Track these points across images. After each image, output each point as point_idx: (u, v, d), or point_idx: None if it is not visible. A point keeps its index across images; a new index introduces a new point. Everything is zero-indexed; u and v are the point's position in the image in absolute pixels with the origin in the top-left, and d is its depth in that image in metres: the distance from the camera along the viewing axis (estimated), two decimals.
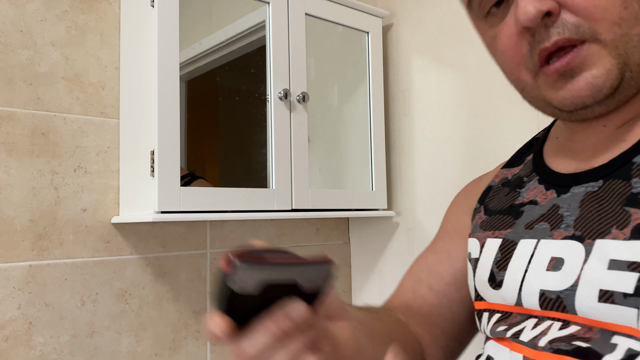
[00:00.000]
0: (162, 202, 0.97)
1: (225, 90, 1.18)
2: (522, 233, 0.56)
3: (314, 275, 0.40)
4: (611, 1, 0.46)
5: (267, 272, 0.37)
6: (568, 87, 0.50)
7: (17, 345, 0.98)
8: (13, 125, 1.00)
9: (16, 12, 1.02)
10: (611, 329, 0.46)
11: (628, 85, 0.49)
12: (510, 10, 0.51)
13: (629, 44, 0.48)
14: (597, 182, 0.51)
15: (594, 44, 0.48)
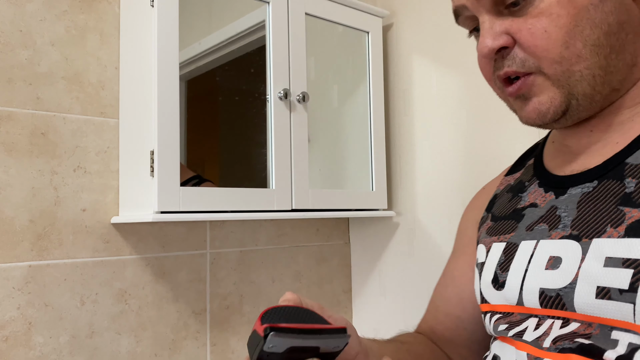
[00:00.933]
0: (162, 202, 0.97)
1: (225, 90, 1.17)
2: (524, 235, 0.58)
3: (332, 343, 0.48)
4: (553, 42, 0.51)
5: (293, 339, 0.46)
6: (523, 108, 0.56)
7: (17, 346, 0.98)
8: (13, 125, 1.00)
9: (16, 11, 1.02)
10: (609, 324, 0.47)
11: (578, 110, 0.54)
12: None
13: (571, 78, 0.52)
14: (592, 183, 0.53)
15: (539, 75, 0.53)
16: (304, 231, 1.41)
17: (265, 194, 1.11)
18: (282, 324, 0.48)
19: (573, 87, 0.52)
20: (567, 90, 0.53)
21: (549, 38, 0.51)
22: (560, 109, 0.54)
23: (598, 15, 0.50)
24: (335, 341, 0.48)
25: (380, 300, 1.44)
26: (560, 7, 0.51)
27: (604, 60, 0.51)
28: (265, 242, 1.33)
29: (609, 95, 0.53)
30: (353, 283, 1.50)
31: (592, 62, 0.51)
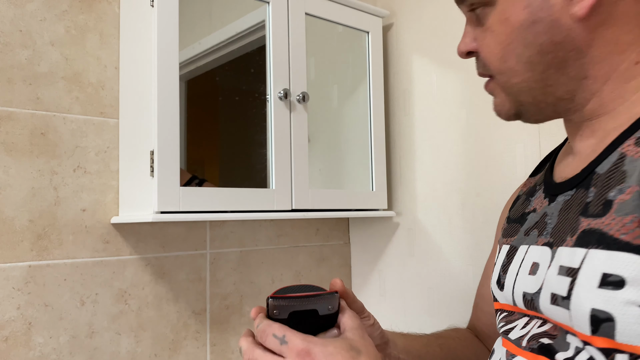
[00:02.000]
0: (162, 202, 0.97)
1: (225, 90, 1.17)
2: (522, 239, 0.61)
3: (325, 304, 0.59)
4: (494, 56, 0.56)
5: (291, 304, 0.57)
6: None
7: (17, 346, 0.98)
8: (12, 125, 1.00)
9: (16, 11, 1.02)
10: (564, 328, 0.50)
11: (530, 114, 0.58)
12: None
13: (513, 88, 0.56)
14: (571, 191, 0.55)
15: (494, 80, 0.59)
16: (304, 231, 1.41)
17: (265, 194, 1.11)
18: (280, 294, 0.57)
19: (517, 96, 0.57)
20: (514, 98, 0.57)
21: (491, 52, 0.56)
22: (511, 112, 0.58)
23: (530, 36, 0.52)
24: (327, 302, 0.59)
25: (380, 300, 1.44)
26: (499, 25, 0.55)
27: (539, 75, 0.54)
28: (265, 242, 1.33)
29: (557, 103, 0.55)
30: (353, 283, 1.50)
31: (527, 76, 0.54)
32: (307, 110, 1.20)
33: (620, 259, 0.45)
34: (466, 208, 1.25)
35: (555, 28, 0.51)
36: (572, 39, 0.51)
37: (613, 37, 0.51)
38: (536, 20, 0.52)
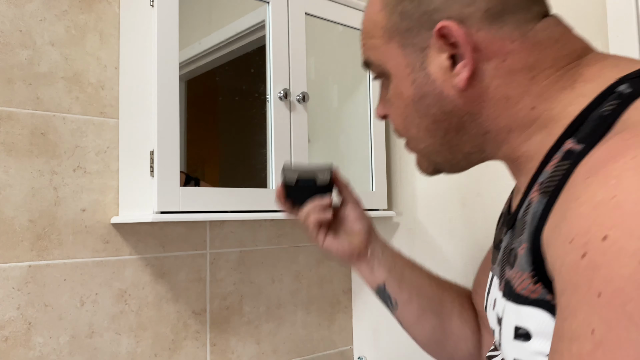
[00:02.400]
0: (162, 202, 0.97)
1: (225, 90, 1.17)
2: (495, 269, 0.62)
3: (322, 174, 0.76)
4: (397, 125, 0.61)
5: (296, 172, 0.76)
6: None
7: (17, 346, 0.98)
8: (12, 125, 1.00)
9: (15, 11, 1.02)
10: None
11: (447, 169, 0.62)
12: None
13: (422, 152, 0.61)
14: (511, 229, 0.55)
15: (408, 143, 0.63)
16: (304, 231, 1.41)
17: (265, 194, 1.11)
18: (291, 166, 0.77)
19: (429, 157, 0.61)
20: (427, 158, 0.62)
21: (395, 122, 0.61)
22: (429, 169, 0.63)
23: (422, 108, 0.56)
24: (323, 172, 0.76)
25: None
26: (396, 98, 0.59)
27: (441, 139, 0.57)
28: (265, 242, 1.33)
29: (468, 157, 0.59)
30: (353, 283, 1.50)
31: (430, 142, 0.58)
32: (307, 110, 1.20)
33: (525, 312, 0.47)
34: (466, 208, 1.25)
35: (442, 100, 0.55)
36: (460, 107, 0.54)
37: (501, 96, 0.53)
38: (423, 94, 0.55)
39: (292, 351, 1.36)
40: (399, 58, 0.56)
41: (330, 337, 1.44)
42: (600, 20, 1.03)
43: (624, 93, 0.46)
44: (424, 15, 0.53)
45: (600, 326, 0.34)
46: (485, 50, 0.52)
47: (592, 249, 0.36)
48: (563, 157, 0.47)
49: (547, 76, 0.52)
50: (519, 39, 0.52)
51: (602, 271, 0.35)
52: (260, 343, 1.30)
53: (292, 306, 1.37)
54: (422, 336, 0.79)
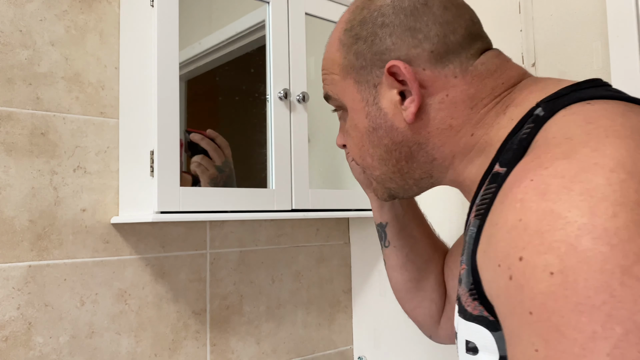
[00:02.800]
0: (162, 202, 0.97)
1: (225, 90, 1.17)
2: None
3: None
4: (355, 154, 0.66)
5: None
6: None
7: (17, 346, 0.98)
8: (12, 125, 1.00)
9: (16, 11, 1.02)
10: None
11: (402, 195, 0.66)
12: None
13: (377, 179, 0.65)
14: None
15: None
16: (304, 231, 1.41)
17: (265, 194, 1.11)
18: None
19: (384, 184, 0.66)
20: (382, 185, 0.66)
21: (352, 151, 0.66)
22: (385, 195, 0.67)
23: (374, 139, 0.61)
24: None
25: (380, 300, 1.44)
26: (352, 129, 0.64)
27: (393, 167, 0.62)
28: (265, 242, 1.33)
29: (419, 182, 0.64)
30: (353, 283, 1.50)
31: (384, 169, 0.63)
32: (307, 110, 1.20)
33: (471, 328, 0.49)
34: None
35: (393, 131, 0.60)
36: (409, 137, 0.60)
37: (445, 126, 0.58)
38: (376, 127, 0.61)
39: (292, 351, 1.36)
40: (354, 93, 0.62)
41: (330, 337, 1.44)
42: (600, 20, 1.03)
43: (539, 116, 0.49)
44: (375, 55, 0.59)
45: (539, 343, 0.36)
46: (431, 87, 0.58)
47: (514, 271, 0.39)
48: (490, 180, 0.50)
49: (485, 104, 0.57)
50: (461, 75, 0.58)
51: (526, 290, 0.38)
52: (260, 343, 1.30)
53: (292, 306, 1.37)
54: (399, 282, 0.84)
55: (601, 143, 0.40)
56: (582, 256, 0.35)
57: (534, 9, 1.15)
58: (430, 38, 0.58)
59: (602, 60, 1.03)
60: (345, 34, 0.62)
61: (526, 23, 1.16)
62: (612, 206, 0.36)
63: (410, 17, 0.58)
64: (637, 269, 0.34)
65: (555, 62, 1.11)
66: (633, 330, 0.33)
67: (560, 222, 0.37)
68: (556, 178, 0.39)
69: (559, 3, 1.11)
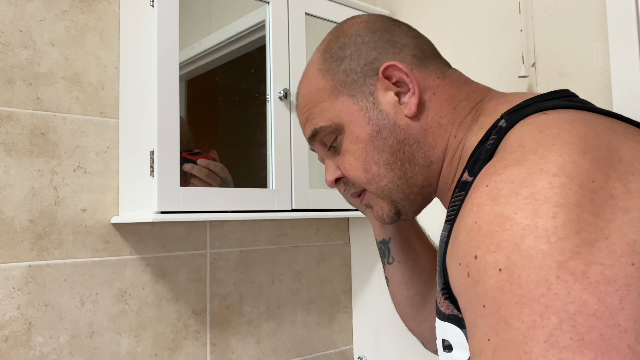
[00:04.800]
0: (162, 202, 0.97)
1: (225, 90, 1.17)
2: None
3: None
4: (357, 171, 0.65)
5: None
6: (371, 214, 0.72)
7: (17, 346, 0.98)
8: (12, 125, 1.00)
9: (16, 11, 1.02)
10: None
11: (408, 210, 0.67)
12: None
13: (384, 191, 0.65)
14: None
15: (368, 192, 0.68)
16: (304, 231, 1.41)
17: (265, 194, 1.11)
18: None
19: (390, 196, 0.66)
20: (389, 199, 0.66)
21: (353, 169, 0.66)
22: (391, 212, 0.67)
23: (379, 142, 0.63)
24: None
25: (380, 300, 1.44)
26: (352, 144, 0.65)
27: (399, 172, 0.64)
28: (265, 242, 1.33)
29: (422, 191, 0.65)
30: (353, 283, 1.50)
31: (391, 176, 0.64)
32: None
33: (445, 327, 0.53)
34: None
35: (396, 129, 0.63)
36: (410, 134, 0.62)
37: (436, 124, 0.62)
38: (380, 128, 0.63)
39: (292, 351, 1.36)
40: (351, 106, 0.64)
41: (330, 337, 1.44)
42: (600, 20, 1.03)
43: (502, 127, 0.53)
44: (365, 66, 0.64)
45: (491, 333, 0.40)
46: (421, 84, 0.63)
47: (471, 268, 0.43)
48: (460, 188, 0.54)
49: (463, 107, 0.62)
50: (442, 77, 0.64)
51: (480, 285, 0.41)
52: (260, 343, 1.30)
53: (292, 306, 1.37)
54: (405, 297, 0.84)
55: (547, 150, 0.44)
56: (525, 254, 0.39)
57: (534, 9, 1.15)
58: (408, 46, 0.64)
59: (602, 60, 1.03)
60: (325, 62, 0.66)
61: (526, 23, 1.15)
62: (552, 207, 0.40)
63: (385, 33, 0.65)
64: (572, 264, 0.38)
65: (555, 62, 1.11)
66: (566, 320, 0.36)
67: (508, 223, 0.41)
68: (507, 183, 0.43)
69: (559, 3, 1.11)
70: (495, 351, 0.39)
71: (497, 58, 1.21)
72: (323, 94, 0.66)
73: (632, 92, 0.96)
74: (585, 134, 0.45)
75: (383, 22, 0.67)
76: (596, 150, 0.43)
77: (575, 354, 0.35)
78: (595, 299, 0.36)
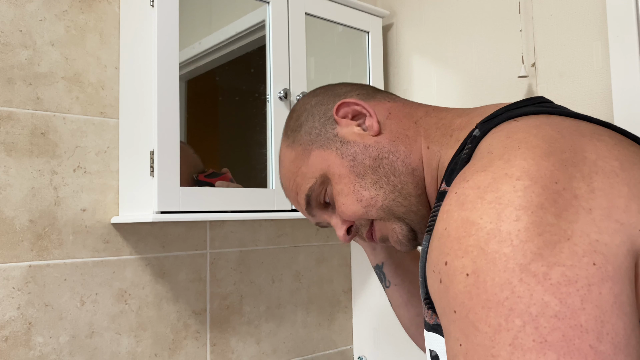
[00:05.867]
0: (162, 202, 0.97)
1: (225, 90, 1.17)
2: None
3: None
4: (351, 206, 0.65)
5: None
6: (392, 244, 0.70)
7: (17, 346, 0.98)
8: (13, 125, 1.00)
9: (16, 11, 1.02)
10: None
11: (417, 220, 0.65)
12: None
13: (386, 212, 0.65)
14: None
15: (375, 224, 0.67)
16: (303, 231, 1.41)
17: (265, 194, 1.11)
18: None
19: (394, 214, 0.65)
20: (394, 218, 0.65)
21: (347, 206, 0.66)
22: (405, 231, 0.66)
23: (359, 168, 0.65)
24: None
25: (380, 300, 1.44)
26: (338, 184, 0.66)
27: (388, 186, 0.64)
28: (265, 242, 1.33)
29: (420, 200, 0.65)
30: (353, 283, 1.50)
31: (383, 193, 0.64)
32: None
33: (431, 337, 0.53)
34: None
35: (367, 149, 0.65)
36: (382, 147, 0.64)
37: (402, 136, 0.64)
38: (354, 156, 0.65)
39: (292, 351, 1.36)
40: (325, 155, 0.67)
41: (330, 337, 1.44)
42: (600, 20, 1.03)
43: (475, 136, 0.54)
44: (321, 119, 0.68)
45: (462, 338, 0.40)
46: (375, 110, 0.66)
47: (442, 274, 0.43)
48: (438, 198, 0.54)
49: (425, 122, 0.64)
50: (391, 101, 0.68)
51: (450, 291, 0.42)
52: (260, 343, 1.30)
53: (292, 306, 1.37)
54: (407, 319, 0.84)
55: (512, 155, 0.44)
56: (490, 257, 0.39)
57: (534, 9, 1.15)
58: (351, 90, 0.69)
59: (602, 60, 1.03)
60: (288, 138, 0.71)
61: (526, 23, 1.15)
62: (515, 210, 0.40)
63: (327, 91, 0.70)
64: (534, 266, 0.38)
65: (555, 62, 1.11)
66: (529, 322, 0.37)
67: (473, 228, 0.41)
68: (473, 189, 0.44)
69: (559, 3, 1.11)
70: (466, 356, 0.39)
71: (497, 58, 1.21)
72: (298, 161, 0.69)
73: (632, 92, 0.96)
74: (551, 137, 0.46)
75: (322, 87, 0.72)
76: (560, 152, 0.44)
77: (539, 356, 0.36)
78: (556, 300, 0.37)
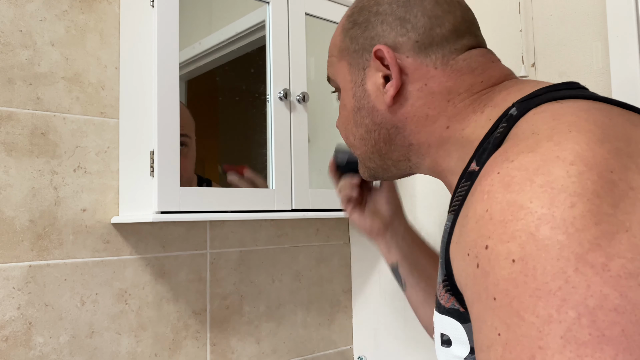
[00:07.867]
0: (162, 202, 0.97)
1: (225, 90, 1.17)
2: None
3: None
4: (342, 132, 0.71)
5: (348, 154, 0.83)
6: None
7: (17, 346, 0.98)
8: (13, 125, 1.00)
9: (16, 11, 1.02)
10: None
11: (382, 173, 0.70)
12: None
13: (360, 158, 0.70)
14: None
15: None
16: (304, 231, 1.41)
17: (265, 194, 1.11)
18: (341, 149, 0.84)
19: (365, 163, 0.70)
20: (363, 164, 0.71)
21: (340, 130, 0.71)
22: (366, 174, 0.72)
23: (358, 119, 0.66)
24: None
25: (380, 300, 1.44)
26: (342, 109, 0.69)
27: (372, 148, 0.66)
28: (265, 242, 1.33)
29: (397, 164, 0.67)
30: (353, 283, 1.50)
31: (364, 149, 0.68)
32: (307, 110, 1.20)
33: (444, 321, 0.52)
34: None
35: (374, 112, 0.64)
36: (388, 120, 0.64)
37: (422, 114, 0.62)
38: (360, 107, 0.65)
39: (292, 351, 1.36)
40: (347, 75, 0.66)
41: (330, 337, 1.44)
42: (600, 20, 1.03)
43: (512, 115, 0.51)
44: (367, 40, 0.64)
45: (501, 327, 0.38)
46: (412, 74, 0.61)
47: (480, 258, 0.41)
48: (466, 177, 0.52)
49: (462, 99, 0.60)
50: (441, 67, 0.61)
51: (490, 277, 0.39)
52: (260, 343, 1.30)
53: (292, 306, 1.37)
54: (425, 318, 0.83)
55: (564, 137, 0.42)
56: (541, 244, 0.37)
57: (534, 9, 1.15)
58: (417, 29, 0.61)
59: (602, 60, 1.03)
60: (347, 19, 0.67)
61: (526, 23, 1.16)
62: (570, 197, 0.38)
63: (402, 7, 0.62)
64: (591, 256, 0.36)
65: (555, 62, 1.11)
66: (585, 314, 0.34)
67: (522, 212, 0.39)
68: (520, 170, 0.41)
69: (559, 3, 1.11)
70: (506, 346, 0.37)
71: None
72: (335, 50, 0.68)
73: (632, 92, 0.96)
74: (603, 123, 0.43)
75: None
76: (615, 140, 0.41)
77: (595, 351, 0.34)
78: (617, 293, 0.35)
